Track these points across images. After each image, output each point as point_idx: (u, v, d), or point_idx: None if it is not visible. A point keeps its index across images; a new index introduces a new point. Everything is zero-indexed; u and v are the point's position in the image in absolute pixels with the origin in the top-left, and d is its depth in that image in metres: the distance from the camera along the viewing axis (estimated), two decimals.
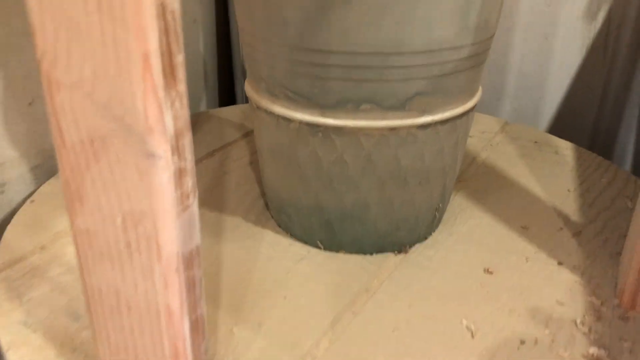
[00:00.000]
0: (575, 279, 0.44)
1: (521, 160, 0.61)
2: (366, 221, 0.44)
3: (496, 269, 0.45)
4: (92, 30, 0.22)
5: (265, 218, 0.51)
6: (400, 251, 0.47)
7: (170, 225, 0.26)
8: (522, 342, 0.38)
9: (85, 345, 0.37)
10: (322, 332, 0.39)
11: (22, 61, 0.54)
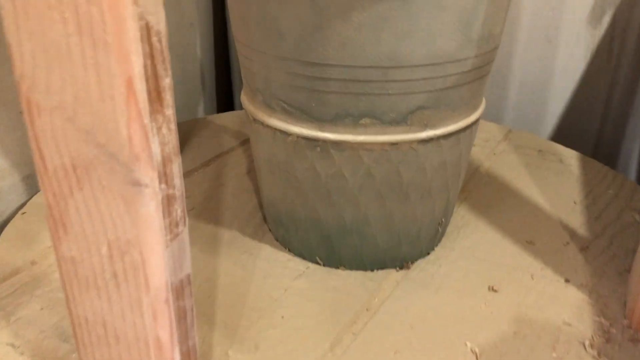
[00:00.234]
0: (583, 298, 0.42)
1: (525, 169, 0.60)
2: (366, 236, 0.43)
3: (501, 286, 0.43)
4: (72, 53, 0.21)
5: (262, 231, 0.50)
6: (402, 267, 0.45)
7: (159, 256, 0.24)
8: None
9: None
10: (321, 354, 0.37)
11: (12, 70, 0.52)
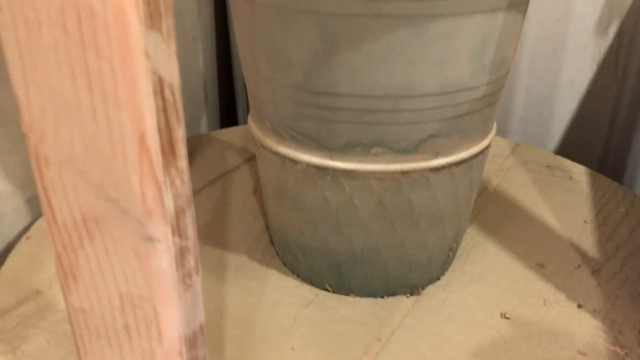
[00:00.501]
0: (597, 325, 0.42)
1: (534, 187, 0.59)
2: (377, 264, 0.42)
3: (513, 313, 0.43)
4: (82, 108, 0.20)
5: (270, 255, 0.49)
6: (413, 293, 0.44)
7: (172, 309, 0.23)
8: None
9: None
10: None
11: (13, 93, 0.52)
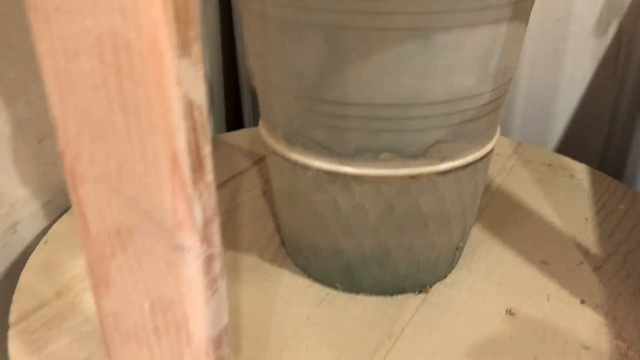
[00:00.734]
0: (599, 320, 0.43)
1: (536, 186, 0.61)
2: (386, 265, 0.44)
3: (518, 309, 0.44)
4: (117, 130, 0.22)
5: (281, 256, 0.50)
6: (421, 291, 0.46)
7: (200, 312, 0.25)
8: None
9: None
10: None
11: (30, 100, 0.53)
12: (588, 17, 0.74)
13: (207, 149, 0.23)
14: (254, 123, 0.87)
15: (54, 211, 0.58)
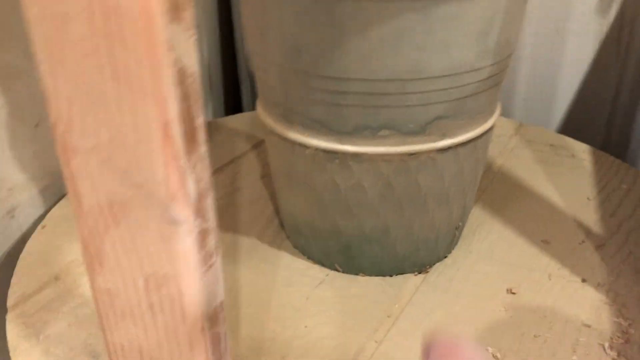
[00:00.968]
0: (601, 298, 0.43)
1: (538, 166, 0.60)
2: (386, 244, 0.43)
3: (519, 289, 0.44)
4: (108, 98, 0.21)
5: (280, 238, 0.50)
6: (421, 271, 0.46)
7: (195, 287, 0.25)
8: None
9: None
10: None
11: (27, 84, 0.53)
12: None
13: (199, 119, 0.22)
14: (252, 107, 0.87)
15: (52, 196, 0.58)
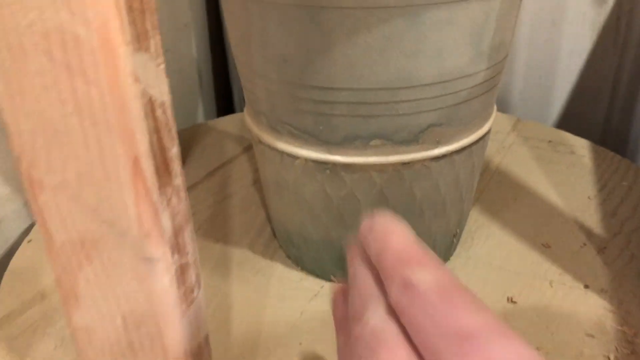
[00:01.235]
0: (604, 305, 0.41)
1: (536, 163, 0.59)
2: None
3: (520, 297, 0.42)
4: (72, 133, 0.20)
5: (273, 248, 0.49)
6: None
7: (176, 326, 0.23)
8: None
9: None
10: None
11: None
12: None
13: (174, 150, 0.21)
14: (244, 107, 0.85)
15: None
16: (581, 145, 0.61)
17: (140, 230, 0.21)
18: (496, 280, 0.44)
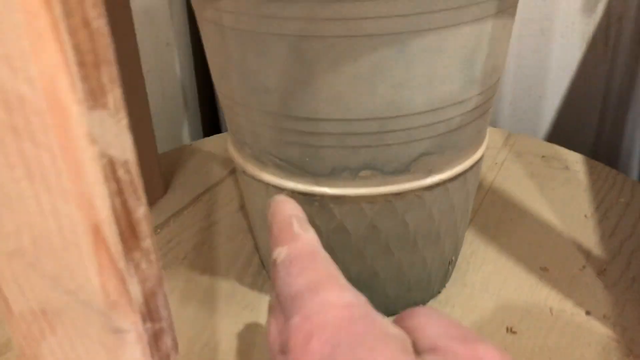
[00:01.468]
0: (607, 333, 0.40)
1: (530, 181, 0.57)
2: (375, 287, 0.40)
3: (519, 326, 0.41)
4: (25, 199, 0.18)
5: (262, 279, 0.47)
6: None
7: None
8: None
9: None
10: None
11: None
12: None
13: (141, 210, 0.19)
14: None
15: None
16: (575, 160, 0.60)
17: (106, 301, 0.19)
18: (494, 308, 0.42)
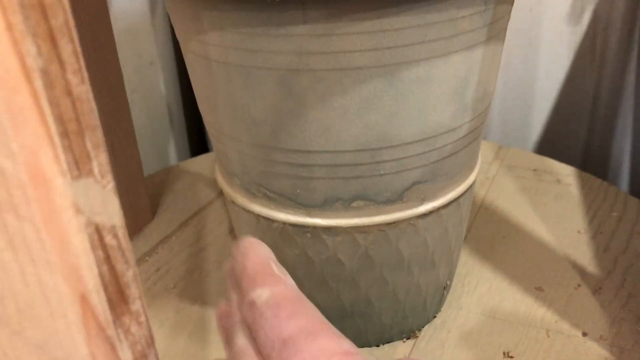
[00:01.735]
0: (605, 355, 0.39)
1: (523, 196, 0.57)
2: (370, 316, 0.40)
3: (516, 350, 0.40)
4: (8, 269, 0.17)
5: None
6: (409, 337, 0.42)
7: None
8: None
9: None
10: None
11: None
12: (561, 5, 0.70)
13: (129, 274, 0.18)
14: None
15: None
16: (567, 173, 0.60)
17: None
18: (490, 331, 0.42)
